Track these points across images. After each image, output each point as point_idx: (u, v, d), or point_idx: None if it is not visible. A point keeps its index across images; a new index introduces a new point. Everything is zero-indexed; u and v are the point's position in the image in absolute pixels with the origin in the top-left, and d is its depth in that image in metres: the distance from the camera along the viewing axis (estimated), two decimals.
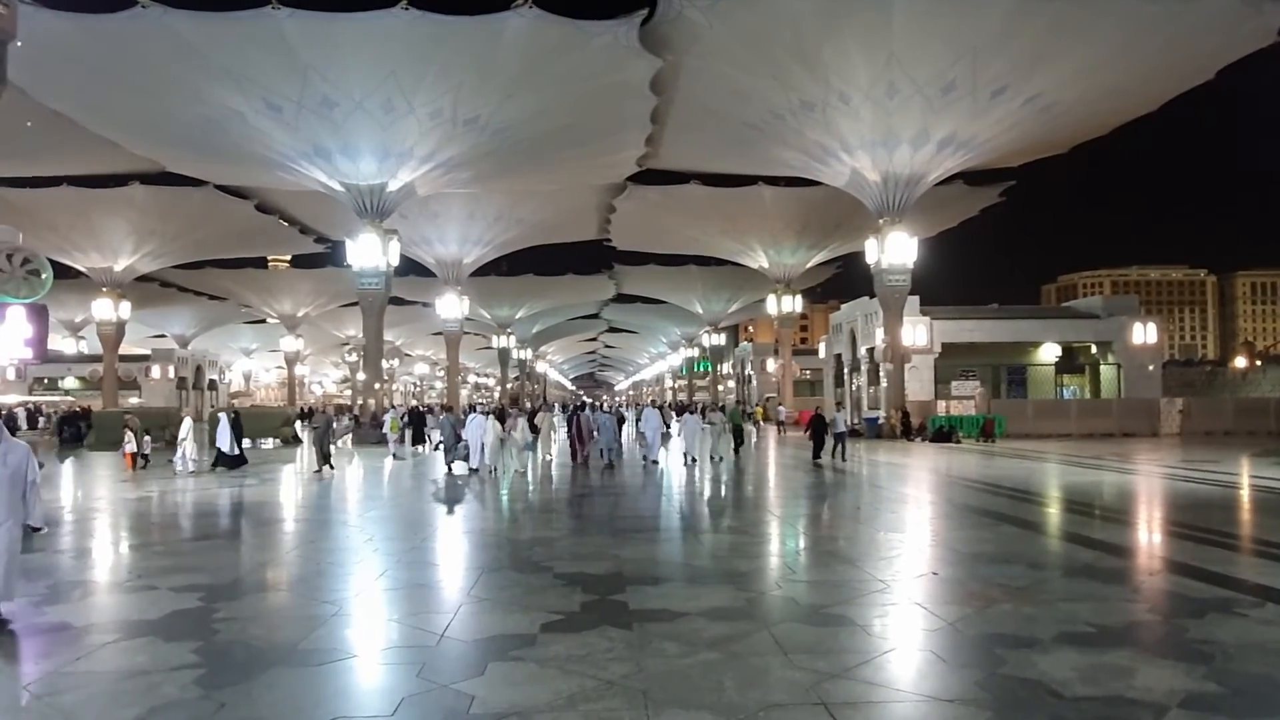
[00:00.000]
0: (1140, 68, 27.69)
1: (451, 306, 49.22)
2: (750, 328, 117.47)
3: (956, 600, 7.72)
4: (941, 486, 18.68)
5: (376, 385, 38.42)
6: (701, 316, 71.44)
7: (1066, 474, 20.71)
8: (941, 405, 35.96)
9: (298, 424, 37.46)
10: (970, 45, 26.48)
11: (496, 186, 39.58)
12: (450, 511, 14.91)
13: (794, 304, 51.78)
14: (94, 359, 55.65)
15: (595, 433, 22.78)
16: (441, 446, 21.69)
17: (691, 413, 24.33)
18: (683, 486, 18.30)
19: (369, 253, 34.29)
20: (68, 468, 23.91)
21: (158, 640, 6.59)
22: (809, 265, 50.96)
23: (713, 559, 10.03)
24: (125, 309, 47.27)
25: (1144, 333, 38.50)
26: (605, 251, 56.17)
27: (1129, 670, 5.75)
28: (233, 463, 21.50)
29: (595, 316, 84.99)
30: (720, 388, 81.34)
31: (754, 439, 35.53)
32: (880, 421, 34.52)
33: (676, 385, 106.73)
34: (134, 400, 56.96)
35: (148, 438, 23.54)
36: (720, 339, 75.14)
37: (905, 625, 7.09)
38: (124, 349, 51.97)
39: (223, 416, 22.49)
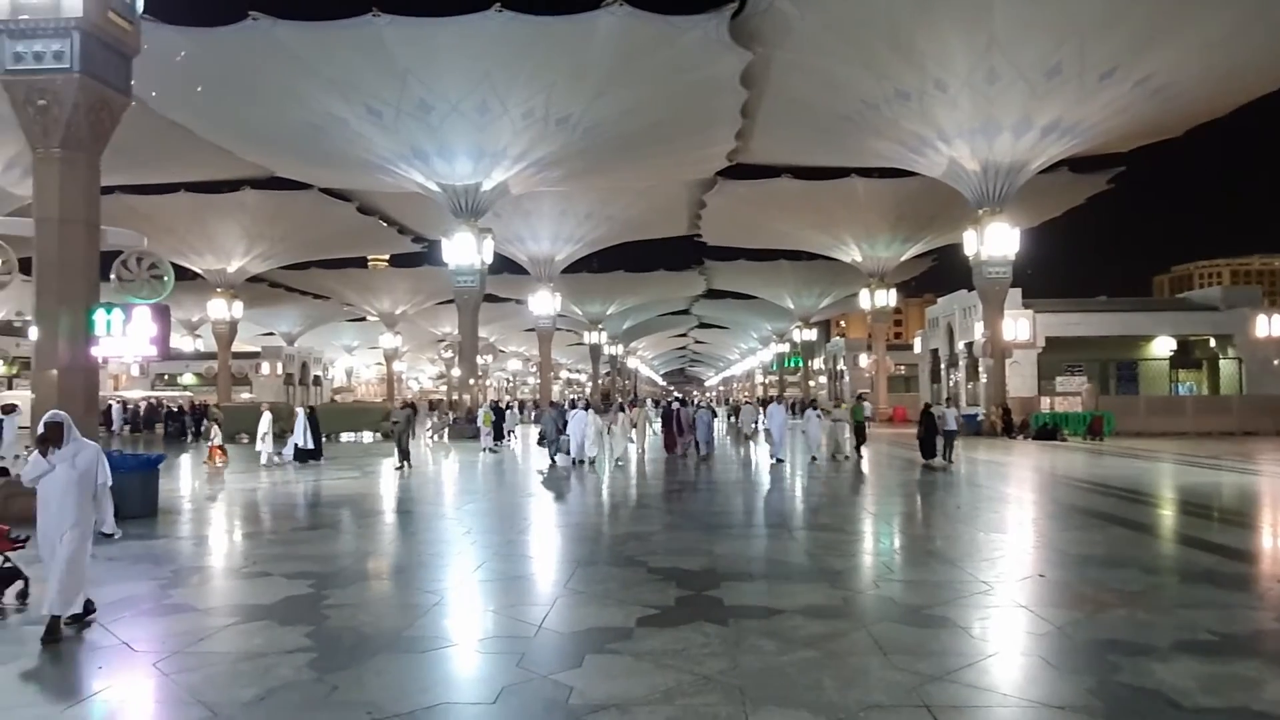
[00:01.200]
0: (1260, 45, 25.99)
1: (544, 303, 49.93)
2: (842, 322, 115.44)
3: (1065, 604, 7.44)
4: (1046, 486, 18.00)
5: (471, 381, 39.29)
6: (793, 311, 70.58)
7: (1182, 474, 19.68)
8: (1045, 402, 34.65)
9: (391, 419, 38.58)
10: (1077, 26, 25.35)
11: (587, 184, 39.93)
12: (546, 505, 15.16)
13: (888, 298, 50.63)
14: (209, 356, 58.53)
15: (690, 427, 23.60)
16: (544, 439, 22.26)
17: (813, 408, 23.67)
18: (779, 484, 18.13)
19: (464, 251, 35.08)
20: (168, 460, 25.25)
21: (273, 624, 6.91)
22: (903, 259, 49.76)
23: (808, 556, 9.92)
24: (238, 308, 49.66)
25: (1269, 325, 36.22)
26: (695, 247, 56.08)
27: (1256, 681, 5.44)
28: (309, 456, 22.25)
29: (685, 312, 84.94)
30: (811, 383, 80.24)
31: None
32: (980, 418, 33.45)
33: (767, 381, 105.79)
34: (245, 395, 59.73)
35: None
36: (812, 334, 74.07)
37: (1010, 628, 6.86)
38: (236, 346, 54.53)
39: (300, 411, 23.35)
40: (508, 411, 33.63)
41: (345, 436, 33.67)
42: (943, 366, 45.49)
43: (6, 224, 15.47)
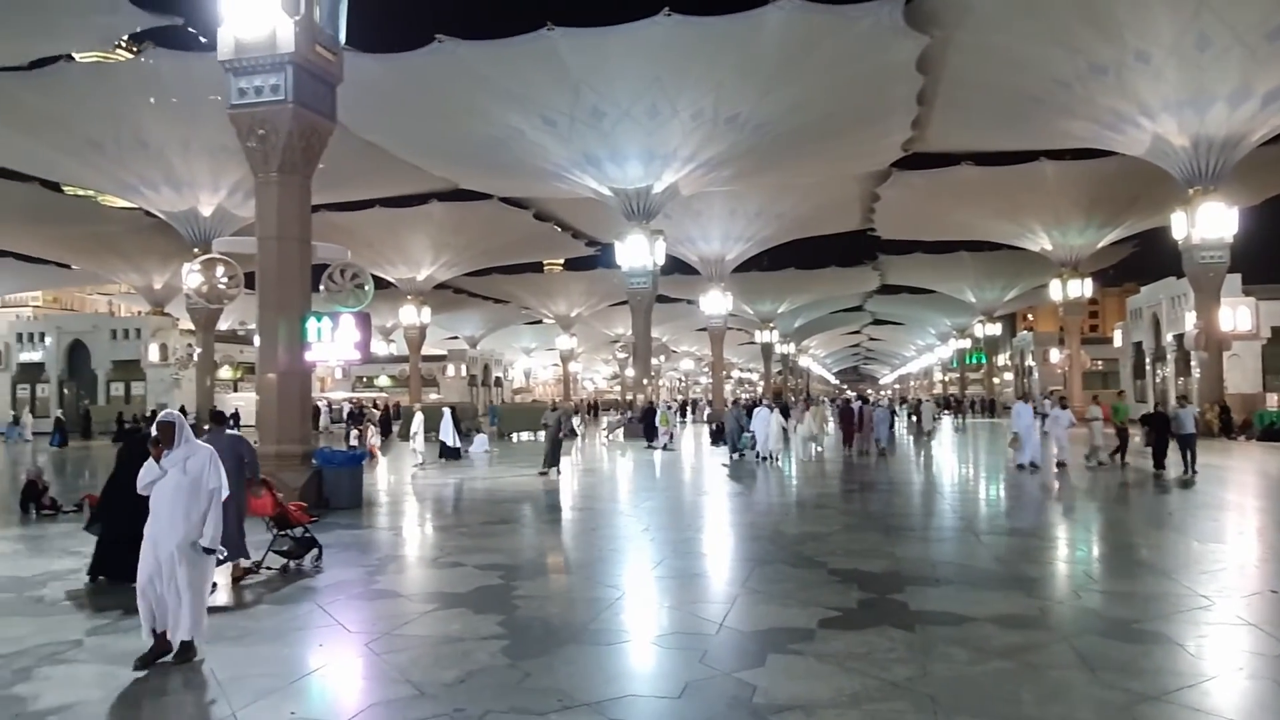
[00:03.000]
0: None
1: (715, 303, 50.07)
2: (1030, 316, 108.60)
3: None
4: (1275, 492, 16.24)
5: (645, 381, 39.97)
6: (974, 306, 67.19)
7: None
8: (1272, 399, 31.25)
9: (575, 419, 39.87)
10: None
11: (757, 182, 39.68)
12: (723, 502, 15.21)
13: (1082, 288, 47.20)
14: (401, 359, 62.67)
15: (869, 424, 24.11)
16: (719, 437, 22.75)
17: (1062, 406, 21.54)
18: (966, 484, 17.35)
19: (637, 253, 35.75)
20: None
21: (468, 612, 7.31)
22: (1100, 245, 46.21)
23: (998, 562, 9.42)
24: (426, 314, 52.98)
25: None
26: (869, 242, 54.47)
27: None
28: (453, 454, 23.13)
29: (859, 309, 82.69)
30: (996, 380, 76.12)
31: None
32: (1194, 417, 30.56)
33: (946, 379, 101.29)
34: (433, 396, 63.51)
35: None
36: (995, 329, 70.22)
37: (1236, 648, 6.24)
38: (425, 350, 58.10)
39: (446, 411, 24.40)
40: (668, 411, 33.48)
41: (524, 435, 35.06)
42: (1147, 361, 41.97)
43: (232, 243, 17.25)
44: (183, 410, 17.14)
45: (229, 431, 9.32)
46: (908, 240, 54.65)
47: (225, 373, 54.95)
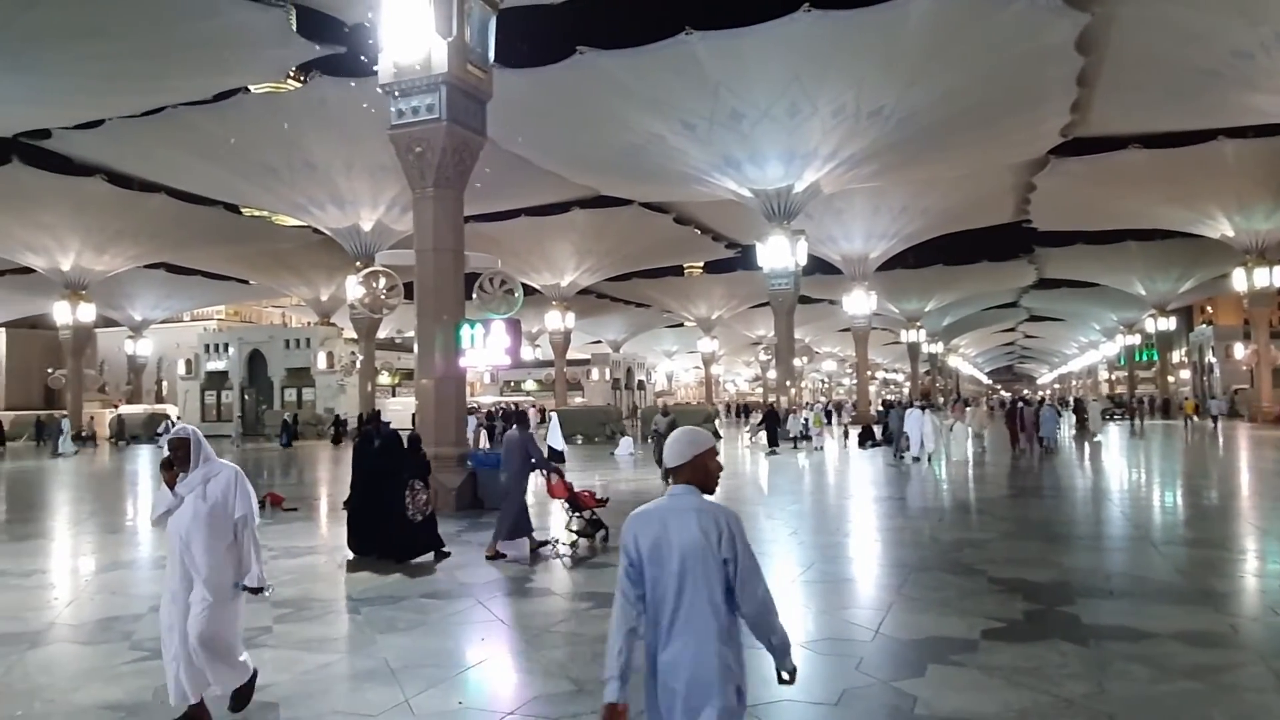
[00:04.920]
0: None
1: (859, 302, 48.94)
2: (1208, 308, 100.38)
3: None
4: None
5: (788, 383, 39.49)
6: (1144, 299, 62.66)
7: None
8: None
9: (715, 421, 39.83)
10: None
11: (901, 177, 38.48)
12: (874, 505, 14.83)
13: (1270, 277, 43.19)
14: (547, 364, 64.46)
15: (1034, 425, 24.05)
16: (866, 439, 22.61)
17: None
18: (1138, 490, 16.24)
19: (778, 254, 35.38)
20: None
21: None
22: None
23: (1180, 575, 8.75)
24: (570, 319, 54.36)
25: None
26: (1023, 234, 51.74)
27: None
28: (558, 458, 23.20)
29: (1013, 305, 78.62)
30: (1170, 379, 70.71)
31: (1214, 435, 30.33)
32: None
33: (1113, 377, 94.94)
34: (578, 399, 64.98)
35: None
36: (1169, 323, 65.27)
37: None
38: (569, 354, 59.53)
39: (554, 415, 24.77)
40: (790, 415, 32.57)
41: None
42: None
43: (392, 256, 18.24)
44: (376, 416, 16.78)
45: (518, 430, 11.04)
46: (1068, 231, 51.59)
47: (384, 378, 58.09)
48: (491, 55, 15.40)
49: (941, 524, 12.72)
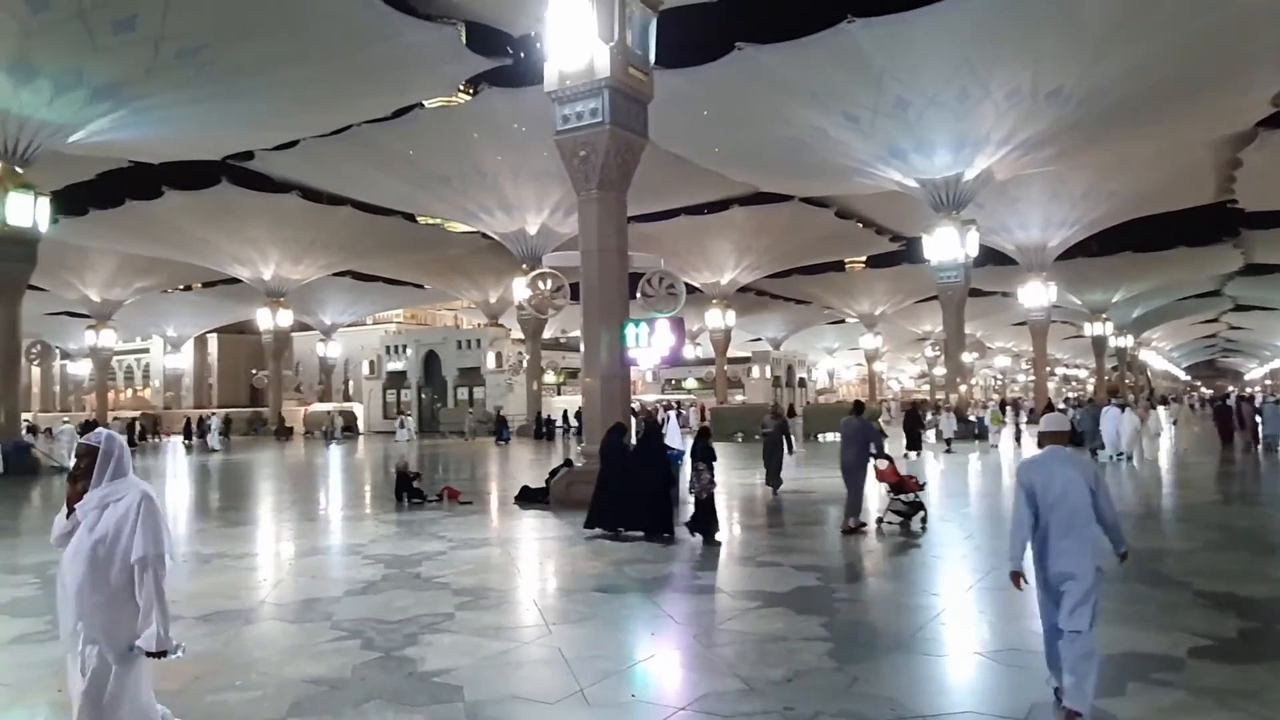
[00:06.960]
0: None
1: (1036, 294, 46.24)
2: None
3: None
4: None
5: (958, 380, 37.81)
6: None
7: None
8: None
9: (880, 420, 38.67)
10: None
11: (1083, 160, 35.99)
12: None
13: None
14: (708, 362, 64.58)
15: (1250, 422, 23.77)
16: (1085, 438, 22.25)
17: None
18: None
19: (946, 246, 33.96)
20: None
21: (789, 611, 7.35)
22: None
23: None
24: (730, 317, 54.28)
25: None
26: (1227, 215, 47.05)
27: None
28: (676, 456, 22.99)
29: (1215, 294, 71.80)
30: None
31: None
32: None
33: None
34: (739, 398, 64.73)
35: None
36: None
37: None
38: (729, 352, 59.40)
39: (670, 415, 24.38)
40: (930, 415, 30.36)
41: (830, 436, 34.57)
42: None
43: (558, 257, 18.77)
44: (650, 413, 18.04)
45: (860, 419, 12.18)
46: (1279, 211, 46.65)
47: (549, 378, 59.96)
48: (652, 57, 15.57)
49: (1139, 531, 11.78)
